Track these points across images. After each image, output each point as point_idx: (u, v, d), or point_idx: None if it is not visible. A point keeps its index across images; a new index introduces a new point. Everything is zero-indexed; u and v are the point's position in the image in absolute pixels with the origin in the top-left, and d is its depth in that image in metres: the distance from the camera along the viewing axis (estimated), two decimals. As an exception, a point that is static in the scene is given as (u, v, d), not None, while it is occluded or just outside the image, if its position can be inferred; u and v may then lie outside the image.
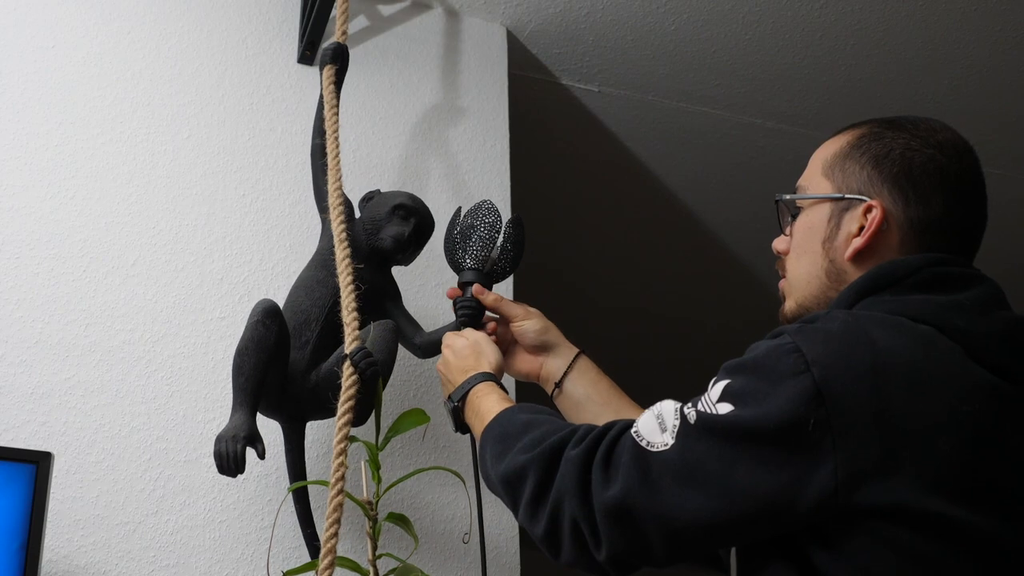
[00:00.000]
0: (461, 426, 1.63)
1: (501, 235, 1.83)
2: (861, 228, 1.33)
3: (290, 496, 1.85)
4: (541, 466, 1.30)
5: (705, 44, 2.55)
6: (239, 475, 1.72)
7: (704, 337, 3.49)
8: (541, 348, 1.77)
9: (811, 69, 2.63)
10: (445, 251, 1.86)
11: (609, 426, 1.29)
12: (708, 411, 1.20)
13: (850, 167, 1.37)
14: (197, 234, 2.08)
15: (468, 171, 2.32)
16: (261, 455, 1.73)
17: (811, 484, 1.14)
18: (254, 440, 1.72)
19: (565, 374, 1.75)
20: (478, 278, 1.81)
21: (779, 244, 1.45)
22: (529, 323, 1.76)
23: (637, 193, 2.95)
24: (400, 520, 1.76)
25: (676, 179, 2.92)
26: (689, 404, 1.23)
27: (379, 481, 1.75)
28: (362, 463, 1.78)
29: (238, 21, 2.26)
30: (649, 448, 1.22)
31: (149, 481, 1.90)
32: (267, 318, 1.77)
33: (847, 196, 1.35)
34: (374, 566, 1.71)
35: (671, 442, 1.20)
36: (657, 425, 1.23)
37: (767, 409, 1.16)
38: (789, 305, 1.41)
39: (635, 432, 1.24)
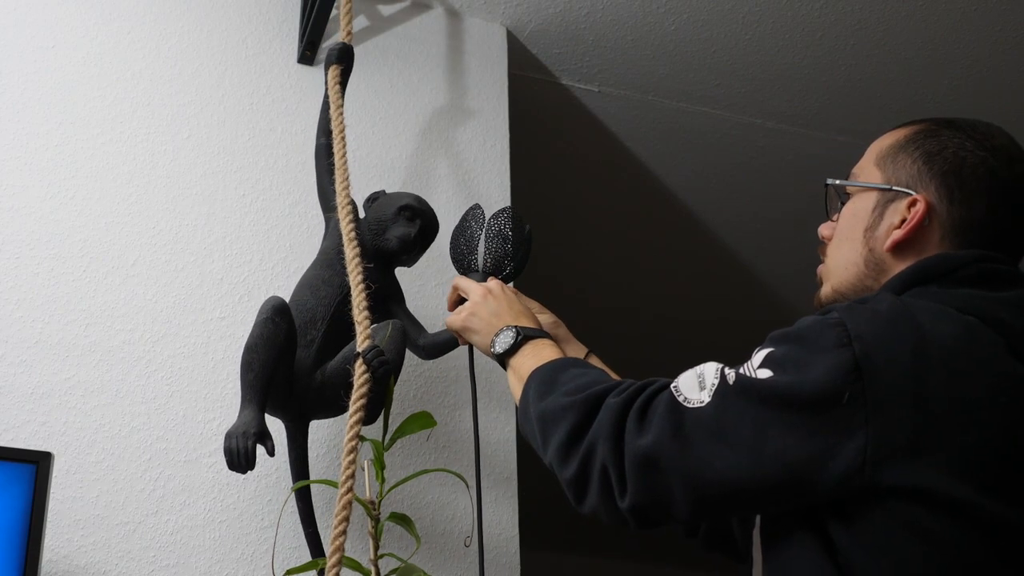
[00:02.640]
0: (504, 355, 1.57)
1: (511, 245, 1.82)
2: (903, 221, 1.34)
3: (292, 495, 1.85)
4: (582, 410, 1.31)
5: (705, 44, 2.55)
6: (248, 472, 1.72)
7: (703, 337, 3.49)
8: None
9: (811, 69, 2.63)
10: (453, 250, 1.85)
11: (652, 380, 1.31)
12: (748, 374, 1.22)
13: (902, 160, 1.38)
14: (197, 234, 2.08)
15: (468, 171, 2.32)
16: (271, 452, 1.73)
17: (839, 457, 1.15)
18: (264, 437, 1.72)
19: None
20: (485, 280, 1.81)
21: (824, 229, 1.46)
22: (543, 317, 1.74)
23: (637, 193, 2.95)
24: (402, 520, 1.76)
25: (676, 179, 2.92)
26: (731, 367, 1.25)
27: (383, 481, 1.75)
28: (366, 462, 1.78)
29: (238, 21, 2.26)
30: (685, 404, 1.23)
31: (149, 481, 1.90)
32: (277, 315, 1.78)
33: (894, 188, 1.37)
34: (376, 566, 1.71)
35: (707, 400, 1.22)
36: (697, 382, 1.25)
37: (804, 377, 1.18)
38: (825, 291, 1.42)
39: (674, 387, 1.26)
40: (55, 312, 1.95)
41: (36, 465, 1.62)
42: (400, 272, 2.02)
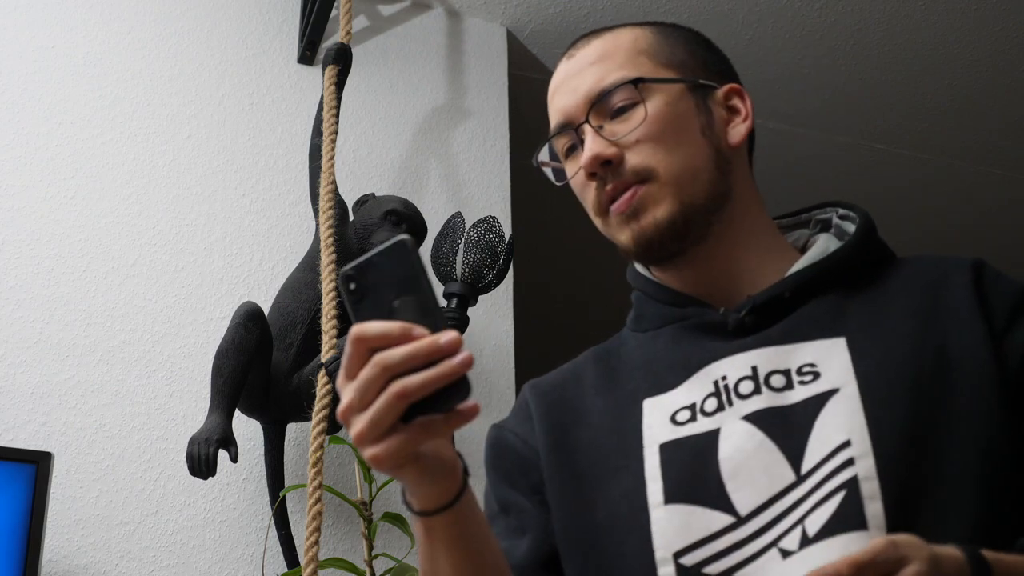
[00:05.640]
0: None
1: (491, 254, 1.81)
2: (730, 111, 1.25)
3: (279, 497, 1.85)
4: None
5: (705, 44, 2.54)
6: (210, 477, 1.73)
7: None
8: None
9: (811, 69, 2.63)
10: (433, 259, 1.84)
11: None
12: None
13: (680, 51, 1.22)
14: (197, 234, 2.08)
15: (468, 171, 2.32)
16: (234, 458, 1.74)
17: None
18: (227, 443, 1.73)
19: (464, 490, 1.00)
20: (465, 290, 1.80)
21: (602, 149, 1.18)
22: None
23: (637, 193, 2.95)
24: (396, 520, 1.76)
25: (676, 179, 2.92)
26: None
27: (371, 481, 1.75)
28: (355, 464, 1.78)
29: (238, 21, 2.26)
30: None
31: (149, 481, 1.90)
32: (248, 321, 1.79)
33: (701, 81, 1.22)
34: (370, 566, 1.71)
35: None
36: None
37: None
38: (667, 209, 1.16)
39: None
40: (55, 312, 1.95)
41: (36, 465, 1.63)
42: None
